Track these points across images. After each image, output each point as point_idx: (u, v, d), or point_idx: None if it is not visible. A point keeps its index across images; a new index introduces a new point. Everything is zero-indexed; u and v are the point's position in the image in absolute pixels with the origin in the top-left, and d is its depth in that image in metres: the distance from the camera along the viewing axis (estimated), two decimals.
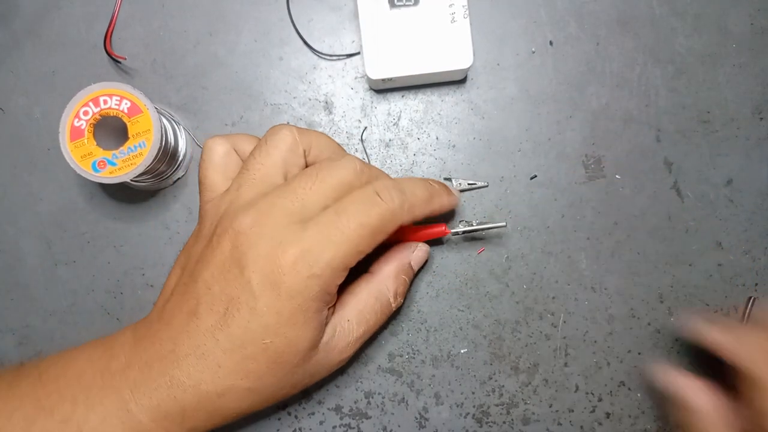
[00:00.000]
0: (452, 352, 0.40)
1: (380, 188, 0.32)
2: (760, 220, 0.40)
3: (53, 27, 0.41)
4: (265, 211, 0.31)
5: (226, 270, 0.31)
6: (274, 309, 0.30)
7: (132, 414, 0.31)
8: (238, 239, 0.31)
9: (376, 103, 0.41)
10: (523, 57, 0.41)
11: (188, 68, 0.41)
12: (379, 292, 0.35)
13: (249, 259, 0.30)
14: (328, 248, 0.30)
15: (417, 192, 0.33)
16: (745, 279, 0.40)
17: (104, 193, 0.41)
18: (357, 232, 0.30)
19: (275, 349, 0.31)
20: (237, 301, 0.30)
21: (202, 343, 0.31)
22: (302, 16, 0.41)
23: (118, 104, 0.35)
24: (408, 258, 0.37)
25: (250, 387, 0.31)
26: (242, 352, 0.30)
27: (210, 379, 0.31)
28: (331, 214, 0.31)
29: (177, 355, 0.31)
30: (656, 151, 0.40)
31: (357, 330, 0.34)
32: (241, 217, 0.31)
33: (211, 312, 0.31)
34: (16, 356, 0.40)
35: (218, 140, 0.35)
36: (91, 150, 0.34)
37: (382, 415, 0.40)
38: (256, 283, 0.30)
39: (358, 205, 0.31)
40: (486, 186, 0.40)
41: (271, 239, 0.30)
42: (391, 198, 0.32)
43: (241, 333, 0.30)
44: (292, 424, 0.40)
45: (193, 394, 0.31)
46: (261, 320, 0.30)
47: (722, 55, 0.41)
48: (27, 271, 0.40)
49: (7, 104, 0.41)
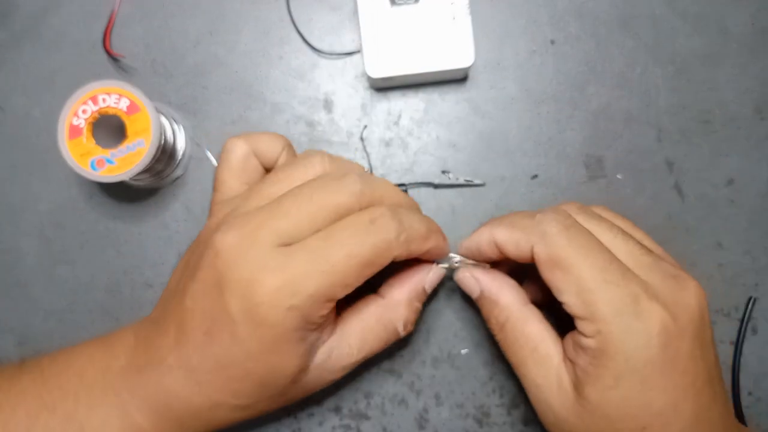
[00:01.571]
0: (452, 352, 0.40)
1: (377, 216, 0.29)
2: (760, 220, 0.40)
3: (52, 26, 0.41)
4: (252, 230, 0.29)
5: (208, 289, 0.29)
6: (254, 337, 0.28)
7: (132, 416, 0.31)
8: (219, 258, 0.29)
9: (377, 102, 0.41)
10: (524, 56, 0.41)
11: (188, 67, 0.40)
12: (389, 321, 0.33)
13: (228, 281, 0.28)
14: (312, 279, 0.28)
15: (415, 225, 0.31)
16: (745, 279, 0.40)
17: (103, 192, 0.40)
18: (345, 263, 0.28)
19: (259, 374, 0.29)
20: (218, 322, 0.29)
21: (189, 358, 0.30)
22: (302, 15, 0.41)
23: (117, 102, 0.35)
24: (422, 282, 0.34)
25: (239, 404, 0.31)
26: (226, 373, 0.29)
27: (198, 393, 0.30)
28: (319, 239, 0.29)
29: (169, 365, 0.30)
30: (657, 151, 0.40)
31: (357, 356, 0.32)
32: (223, 234, 0.29)
33: (195, 329, 0.30)
34: (16, 356, 0.40)
35: (239, 142, 0.34)
36: (89, 149, 0.34)
37: (381, 416, 0.39)
38: (235, 309, 0.28)
39: (350, 233, 0.29)
40: (483, 185, 0.40)
41: (253, 262, 0.28)
42: (387, 228, 0.29)
43: (223, 354, 0.29)
44: (292, 424, 0.39)
45: (186, 406, 0.30)
46: (242, 346, 0.29)
47: (723, 55, 0.41)
48: (26, 271, 0.40)
49: (6, 103, 0.40)
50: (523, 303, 0.33)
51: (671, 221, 0.40)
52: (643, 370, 0.28)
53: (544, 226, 0.30)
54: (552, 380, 0.31)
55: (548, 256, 0.30)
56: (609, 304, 0.28)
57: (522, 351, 0.32)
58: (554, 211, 0.31)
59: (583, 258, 0.29)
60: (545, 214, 0.31)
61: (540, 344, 0.31)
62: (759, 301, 0.40)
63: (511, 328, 0.32)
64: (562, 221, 0.30)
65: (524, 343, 0.32)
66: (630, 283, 0.29)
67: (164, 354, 0.31)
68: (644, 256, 0.31)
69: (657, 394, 0.28)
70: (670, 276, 0.30)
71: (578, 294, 0.29)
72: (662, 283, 0.29)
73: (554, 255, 0.29)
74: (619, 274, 0.29)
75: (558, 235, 0.30)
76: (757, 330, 0.40)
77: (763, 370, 0.40)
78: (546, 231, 0.30)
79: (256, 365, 0.29)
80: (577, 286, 0.29)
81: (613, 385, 0.28)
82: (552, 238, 0.30)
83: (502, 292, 0.33)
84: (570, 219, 0.31)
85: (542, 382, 0.31)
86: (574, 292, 0.29)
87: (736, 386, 0.39)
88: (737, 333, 0.40)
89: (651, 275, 0.30)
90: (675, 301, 0.29)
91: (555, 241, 0.30)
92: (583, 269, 0.29)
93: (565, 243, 0.29)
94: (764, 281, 0.40)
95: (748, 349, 0.40)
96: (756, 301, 0.40)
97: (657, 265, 0.30)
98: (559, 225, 0.30)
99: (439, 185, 0.39)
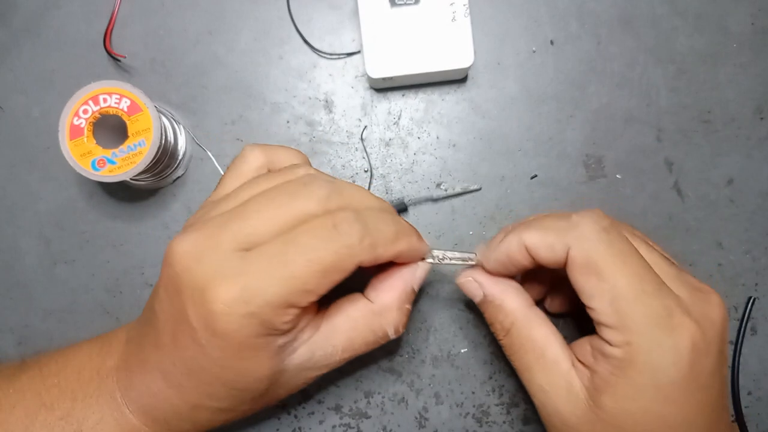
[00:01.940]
0: (452, 351, 0.40)
1: (340, 220, 0.28)
2: (760, 220, 0.40)
3: (52, 25, 0.41)
4: (210, 234, 0.28)
5: (170, 294, 0.28)
6: (214, 344, 0.27)
7: (126, 416, 0.31)
8: (177, 263, 0.28)
9: (377, 102, 0.40)
10: (524, 56, 0.41)
11: (188, 67, 0.40)
12: (378, 327, 0.31)
13: (185, 288, 0.27)
14: (270, 285, 0.26)
15: (381, 227, 0.29)
16: (745, 279, 0.40)
17: (104, 192, 0.40)
18: (304, 269, 0.27)
19: (229, 379, 0.29)
20: (181, 328, 0.28)
21: (163, 361, 0.30)
22: (302, 15, 0.41)
23: (118, 103, 0.35)
24: (411, 283, 0.32)
25: (219, 407, 0.30)
26: (198, 377, 0.29)
27: (177, 395, 0.30)
28: (279, 244, 0.27)
29: (150, 366, 0.30)
30: (657, 151, 0.40)
31: (342, 355, 0.31)
32: (180, 239, 0.28)
33: (165, 331, 0.29)
34: (16, 355, 0.40)
35: (258, 153, 0.33)
36: (90, 149, 0.34)
37: (381, 415, 0.40)
38: (193, 317, 0.27)
39: (311, 238, 0.27)
40: (479, 189, 0.40)
41: (209, 268, 0.27)
42: (350, 233, 0.27)
43: (190, 360, 0.28)
44: (292, 423, 0.40)
45: (169, 406, 0.30)
46: (204, 352, 0.28)
47: (723, 55, 0.41)
48: (26, 270, 0.40)
49: (6, 103, 0.40)
50: (528, 306, 0.32)
51: (671, 221, 0.40)
52: (668, 385, 0.27)
53: (581, 229, 0.29)
54: (560, 386, 0.30)
55: (585, 260, 0.28)
56: (644, 316, 0.27)
57: (528, 356, 0.31)
58: (590, 212, 0.30)
59: (621, 264, 0.28)
60: (582, 216, 0.29)
61: (547, 349, 0.30)
62: (759, 301, 0.40)
63: (517, 333, 0.31)
64: (601, 222, 0.29)
65: (530, 348, 0.31)
66: (665, 296, 0.28)
67: (146, 355, 0.30)
68: (669, 267, 0.30)
69: (675, 408, 0.28)
70: (696, 289, 0.29)
71: (612, 302, 0.28)
72: (690, 297, 0.29)
73: (592, 259, 0.28)
74: (655, 285, 0.28)
75: (597, 238, 0.28)
76: (757, 330, 0.40)
77: (763, 370, 0.40)
78: (584, 233, 0.29)
79: (223, 371, 0.28)
80: (612, 293, 0.28)
81: (634, 396, 0.28)
82: (590, 242, 0.28)
83: (507, 295, 0.32)
84: (607, 220, 0.29)
85: (550, 388, 0.30)
86: (607, 300, 0.28)
87: (735, 386, 0.39)
88: (737, 333, 0.40)
89: (679, 288, 0.29)
90: (703, 315, 0.28)
91: (594, 245, 0.28)
92: (621, 277, 0.28)
93: (605, 247, 0.28)
94: (764, 281, 0.40)
95: (747, 348, 0.40)
96: (756, 301, 0.40)
97: (682, 277, 0.30)
98: (597, 227, 0.29)
99: (437, 199, 0.39)
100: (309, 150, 0.40)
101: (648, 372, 0.27)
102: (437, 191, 0.40)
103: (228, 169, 0.33)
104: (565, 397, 0.30)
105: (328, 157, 0.40)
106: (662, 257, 0.31)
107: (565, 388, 0.30)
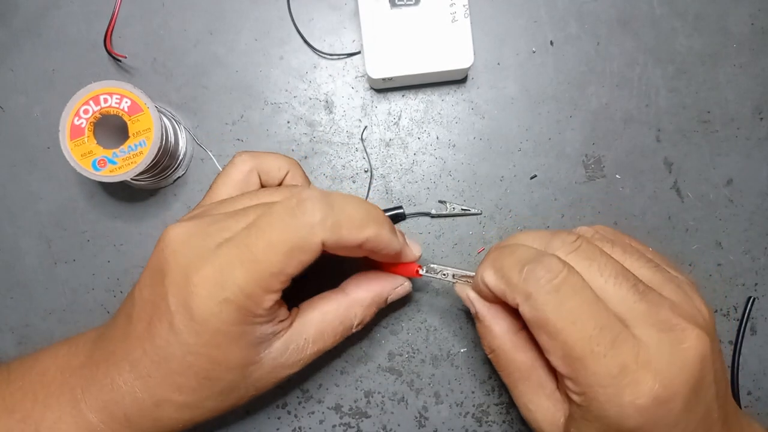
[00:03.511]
0: (452, 351, 0.40)
1: (303, 199, 0.27)
2: (760, 220, 0.40)
3: (53, 25, 0.41)
4: (204, 225, 0.29)
5: (154, 276, 0.29)
6: (190, 329, 0.28)
7: (83, 414, 0.30)
8: (166, 246, 0.29)
9: (377, 103, 0.41)
10: (524, 57, 0.41)
11: (188, 67, 0.41)
12: (346, 317, 0.32)
13: (169, 267, 0.28)
14: (238, 270, 0.27)
15: (348, 209, 0.28)
16: (745, 279, 0.40)
17: (104, 192, 0.41)
18: (267, 252, 0.27)
19: (201, 367, 0.29)
20: (159, 311, 0.28)
21: (134, 349, 0.29)
22: (303, 15, 0.41)
23: (119, 103, 0.35)
24: (388, 293, 0.34)
25: (185, 401, 0.30)
26: (168, 366, 0.29)
27: (143, 387, 0.30)
28: (245, 230, 0.28)
29: (116, 358, 0.30)
30: (656, 151, 0.40)
31: (312, 348, 0.32)
32: (175, 225, 0.29)
33: (140, 319, 0.29)
34: (16, 355, 0.40)
35: (246, 158, 0.34)
36: (91, 149, 0.34)
37: (381, 414, 0.40)
38: (172, 299, 0.28)
39: (273, 220, 0.27)
40: (479, 213, 0.40)
41: (195, 251, 0.28)
42: (312, 211, 0.27)
43: (164, 346, 0.28)
44: (292, 423, 0.40)
45: (131, 401, 0.30)
46: (180, 338, 0.28)
47: (723, 55, 0.41)
48: (27, 270, 0.40)
49: (6, 103, 0.40)
50: (515, 331, 0.32)
51: (670, 221, 0.40)
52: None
53: (530, 286, 0.28)
54: (544, 407, 0.30)
55: (534, 319, 0.28)
56: (594, 375, 0.27)
57: (512, 376, 0.32)
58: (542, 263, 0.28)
59: (570, 326, 0.27)
60: (533, 268, 0.28)
61: (532, 373, 0.31)
62: (758, 301, 0.40)
63: (503, 355, 0.32)
64: (551, 279, 0.27)
65: (514, 370, 0.31)
66: (619, 353, 0.26)
67: (114, 347, 0.30)
68: (638, 303, 0.28)
69: None
70: (667, 329, 0.28)
71: (564, 358, 0.27)
72: (657, 343, 0.27)
73: (541, 320, 0.27)
74: (608, 342, 0.27)
75: (545, 298, 0.27)
76: (756, 330, 0.40)
77: (763, 370, 0.40)
78: (532, 292, 0.28)
79: (196, 359, 0.28)
80: (563, 351, 0.27)
81: None
82: (538, 302, 0.27)
83: (495, 319, 0.32)
84: (562, 271, 0.28)
85: (534, 408, 0.31)
86: (560, 356, 0.27)
87: (735, 386, 0.40)
88: (736, 333, 0.40)
89: (645, 330, 0.27)
90: (669, 363, 0.27)
91: (541, 306, 0.27)
92: (570, 336, 0.27)
93: (553, 308, 0.27)
94: (764, 281, 0.40)
95: (747, 348, 0.40)
96: (755, 301, 0.40)
97: (653, 313, 0.28)
98: (547, 285, 0.27)
99: (435, 215, 0.40)
100: (309, 150, 0.40)
101: (603, 423, 0.27)
102: (438, 206, 0.40)
103: (220, 174, 0.34)
104: (548, 420, 0.30)
105: (329, 157, 0.40)
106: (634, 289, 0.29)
107: (548, 410, 0.30)
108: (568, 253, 0.29)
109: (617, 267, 0.29)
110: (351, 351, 0.40)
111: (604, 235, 0.32)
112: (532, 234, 0.32)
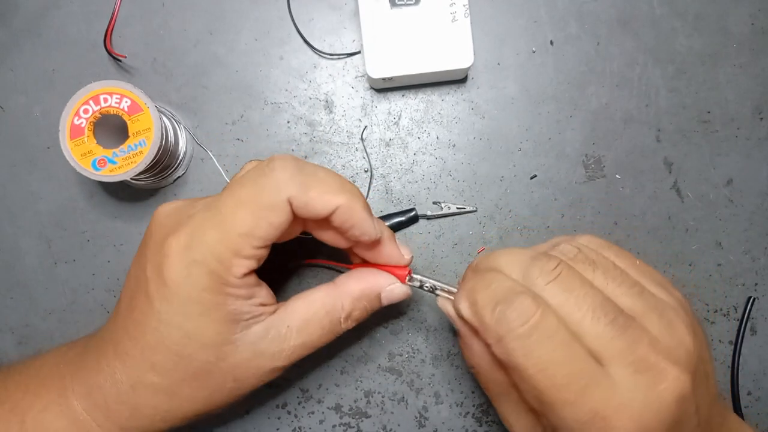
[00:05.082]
0: (452, 351, 0.40)
1: (275, 160, 0.28)
2: (760, 220, 0.40)
3: (53, 25, 0.41)
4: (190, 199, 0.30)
5: (140, 250, 0.30)
6: (162, 296, 0.27)
7: (69, 401, 0.30)
8: (155, 220, 0.30)
9: (377, 103, 0.41)
10: (524, 57, 0.41)
11: (188, 67, 0.41)
12: (332, 307, 0.31)
13: (152, 240, 0.28)
14: (208, 232, 0.27)
15: (319, 174, 0.28)
16: (745, 279, 0.40)
17: (104, 192, 0.41)
18: (234, 210, 0.27)
19: (174, 341, 0.28)
20: (138, 283, 0.29)
21: (117, 328, 0.30)
22: (303, 15, 0.41)
23: (119, 102, 0.35)
24: (380, 288, 0.32)
25: (160, 383, 0.29)
26: (144, 341, 0.29)
27: (121, 367, 0.29)
28: (219, 193, 0.28)
29: (103, 340, 0.31)
30: (656, 151, 0.40)
31: (295, 339, 0.30)
32: (166, 203, 0.31)
33: (125, 298, 0.30)
34: (16, 355, 0.40)
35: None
36: (91, 148, 0.34)
37: (381, 414, 0.40)
38: (149, 266, 0.28)
39: (244, 180, 0.27)
40: (474, 211, 0.40)
41: (173, 219, 0.29)
42: (282, 168, 0.27)
43: (141, 320, 0.28)
44: (292, 423, 0.40)
45: (111, 384, 0.30)
46: (153, 307, 0.28)
47: (723, 55, 0.41)
48: (27, 270, 0.40)
49: (6, 103, 0.40)
50: None
51: (670, 221, 0.40)
52: None
53: (501, 329, 0.27)
54: (522, 421, 0.30)
55: (505, 362, 0.27)
56: (563, 420, 0.26)
57: (492, 391, 0.31)
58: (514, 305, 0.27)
59: (539, 372, 0.26)
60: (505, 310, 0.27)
61: (511, 390, 0.30)
62: (758, 301, 0.40)
63: (483, 372, 0.31)
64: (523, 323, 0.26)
65: (494, 386, 0.31)
66: (590, 398, 0.26)
67: (104, 332, 0.31)
68: (616, 340, 0.27)
69: None
70: (644, 369, 0.26)
71: (534, 399, 0.27)
72: (632, 385, 0.26)
73: (510, 363, 0.27)
74: (578, 389, 0.26)
75: (514, 344, 0.26)
76: (756, 330, 0.40)
77: (763, 370, 0.40)
78: (503, 336, 0.27)
79: (169, 330, 0.28)
80: (532, 393, 0.27)
81: None
82: (508, 347, 0.27)
83: (474, 340, 0.30)
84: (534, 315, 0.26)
85: (514, 422, 0.30)
86: (530, 396, 0.27)
87: (735, 386, 0.40)
88: (736, 333, 0.40)
89: (620, 370, 0.26)
90: (644, 405, 0.26)
91: (511, 351, 0.26)
92: (539, 383, 0.26)
93: (522, 354, 0.26)
94: (764, 281, 0.40)
95: (747, 349, 0.40)
96: (755, 301, 0.40)
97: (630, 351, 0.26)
98: (518, 329, 0.26)
99: (431, 216, 0.40)
100: (309, 150, 0.40)
101: None
102: (433, 208, 0.40)
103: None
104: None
105: (329, 157, 0.40)
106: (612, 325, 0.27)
107: (527, 424, 0.30)
108: (546, 283, 0.28)
109: (596, 299, 0.28)
110: (351, 351, 0.40)
111: (587, 255, 0.30)
112: (512, 256, 0.30)
